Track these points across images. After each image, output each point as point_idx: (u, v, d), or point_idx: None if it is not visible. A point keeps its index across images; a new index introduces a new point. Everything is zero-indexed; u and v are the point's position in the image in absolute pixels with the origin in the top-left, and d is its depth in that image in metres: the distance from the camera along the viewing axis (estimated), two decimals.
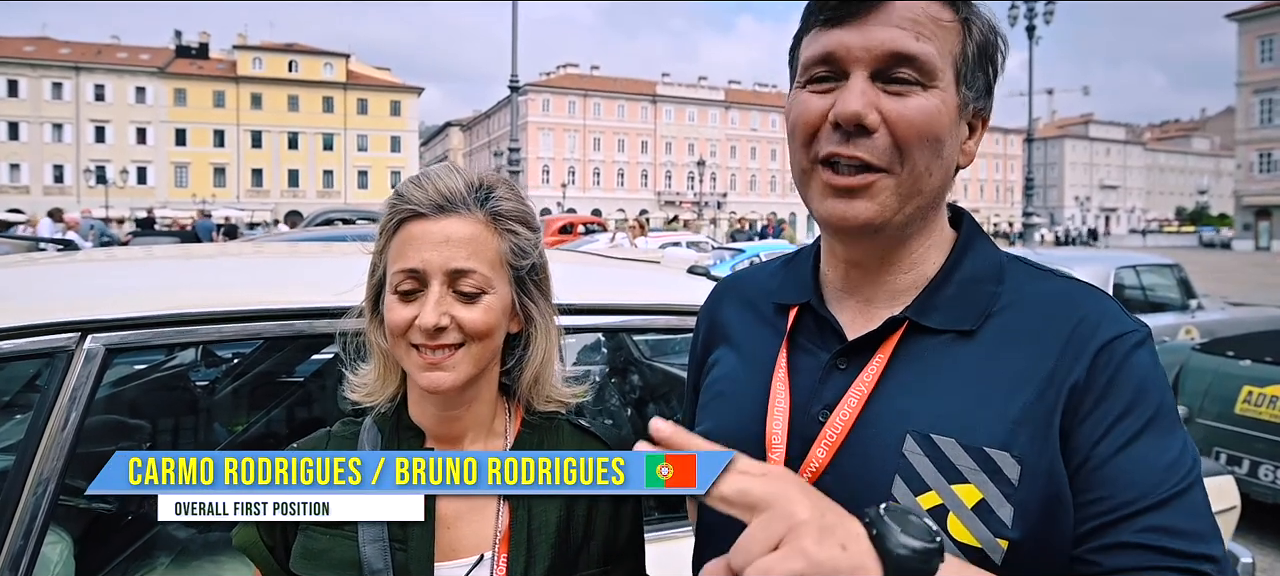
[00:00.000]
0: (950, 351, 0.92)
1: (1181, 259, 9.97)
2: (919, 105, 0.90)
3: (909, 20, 0.90)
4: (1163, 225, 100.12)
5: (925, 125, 0.90)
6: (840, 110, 0.90)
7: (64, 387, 1.46)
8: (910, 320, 0.94)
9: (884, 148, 0.90)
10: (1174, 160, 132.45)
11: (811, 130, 0.93)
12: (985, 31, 0.96)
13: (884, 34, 0.89)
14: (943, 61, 0.91)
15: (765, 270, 1.18)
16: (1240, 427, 5.23)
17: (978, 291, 0.96)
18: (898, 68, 0.90)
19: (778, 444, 0.96)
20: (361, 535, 1.08)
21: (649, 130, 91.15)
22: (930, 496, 0.85)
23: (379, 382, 1.18)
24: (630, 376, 3.05)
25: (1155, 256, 9.52)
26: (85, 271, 2.10)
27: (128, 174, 67.74)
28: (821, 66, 0.93)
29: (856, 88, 0.90)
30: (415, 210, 1.09)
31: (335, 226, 11.66)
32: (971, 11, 0.95)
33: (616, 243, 13.35)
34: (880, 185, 0.91)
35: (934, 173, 0.93)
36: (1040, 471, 0.84)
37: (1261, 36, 58.83)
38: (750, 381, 1.03)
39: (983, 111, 0.99)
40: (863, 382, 0.93)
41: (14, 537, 1.38)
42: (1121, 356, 0.87)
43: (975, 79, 0.96)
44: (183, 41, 78.62)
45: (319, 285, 1.72)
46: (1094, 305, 0.92)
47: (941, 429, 0.87)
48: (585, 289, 2.06)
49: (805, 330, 1.03)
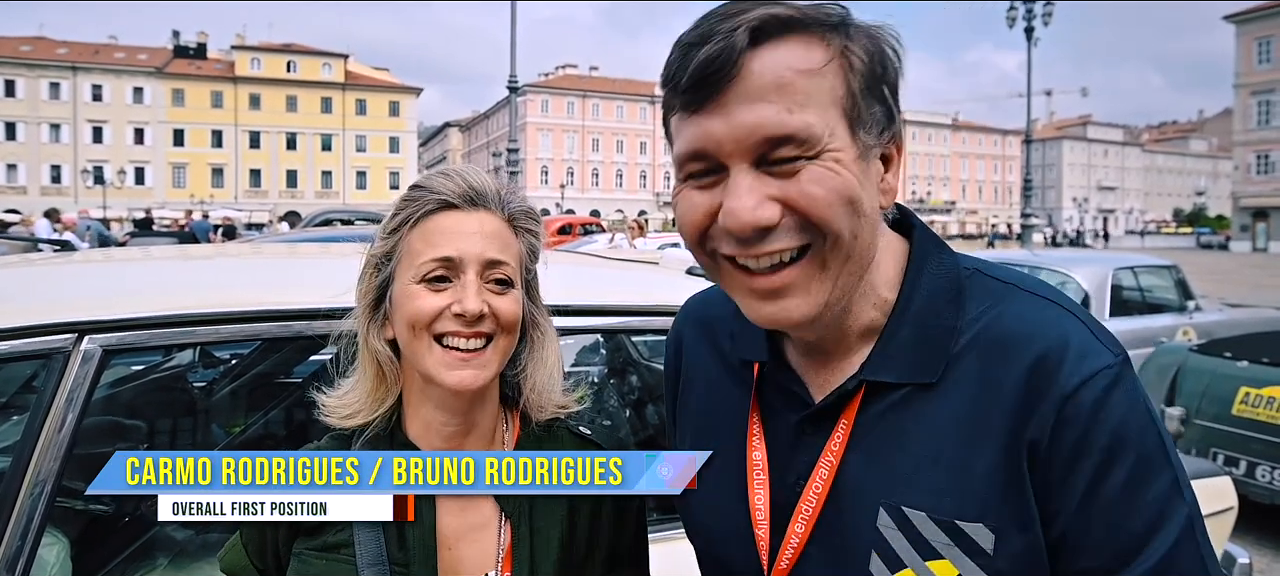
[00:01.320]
0: (914, 408, 0.87)
1: (1179, 260, 9.98)
2: (817, 177, 0.79)
3: (774, 88, 0.77)
4: (1161, 226, 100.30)
5: (833, 195, 0.79)
6: (730, 224, 0.80)
7: (61, 389, 1.46)
8: (866, 384, 0.88)
9: (794, 231, 0.80)
10: (1172, 161, 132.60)
11: (700, 231, 0.84)
12: (868, 52, 0.82)
13: (750, 117, 0.77)
14: (827, 119, 0.79)
15: (727, 300, 1.03)
16: (1237, 428, 5.23)
17: (936, 329, 0.88)
18: (778, 150, 0.78)
19: (762, 520, 0.94)
20: (360, 558, 1.05)
21: (648, 131, 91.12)
22: (907, 573, 0.84)
23: (370, 398, 1.11)
24: (629, 377, 3.05)
25: (1153, 258, 9.53)
26: (82, 272, 2.09)
27: (125, 174, 67.64)
28: (695, 162, 0.82)
29: (742, 186, 0.79)
30: (446, 200, 1.08)
31: (334, 227, 11.66)
32: (848, 36, 0.81)
33: (615, 243, 13.33)
34: (805, 271, 0.82)
35: (860, 234, 0.82)
36: (1016, 537, 0.81)
37: (1259, 38, 58.93)
38: (727, 446, 1.01)
39: (892, 138, 0.86)
40: (830, 453, 0.90)
41: (11, 539, 1.37)
42: (1090, 407, 0.79)
43: (871, 113, 0.83)
44: (180, 42, 78.61)
45: (317, 286, 1.72)
46: (1055, 338, 0.82)
47: (912, 501, 0.84)
48: (584, 290, 2.06)
49: (771, 386, 0.98)
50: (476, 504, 1.11)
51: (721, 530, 1.00)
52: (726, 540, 0.99)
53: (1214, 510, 2.58)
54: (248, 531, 1.15)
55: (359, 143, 79.45)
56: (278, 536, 1.11)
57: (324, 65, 79.20)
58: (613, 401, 2.85)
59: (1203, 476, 2.68)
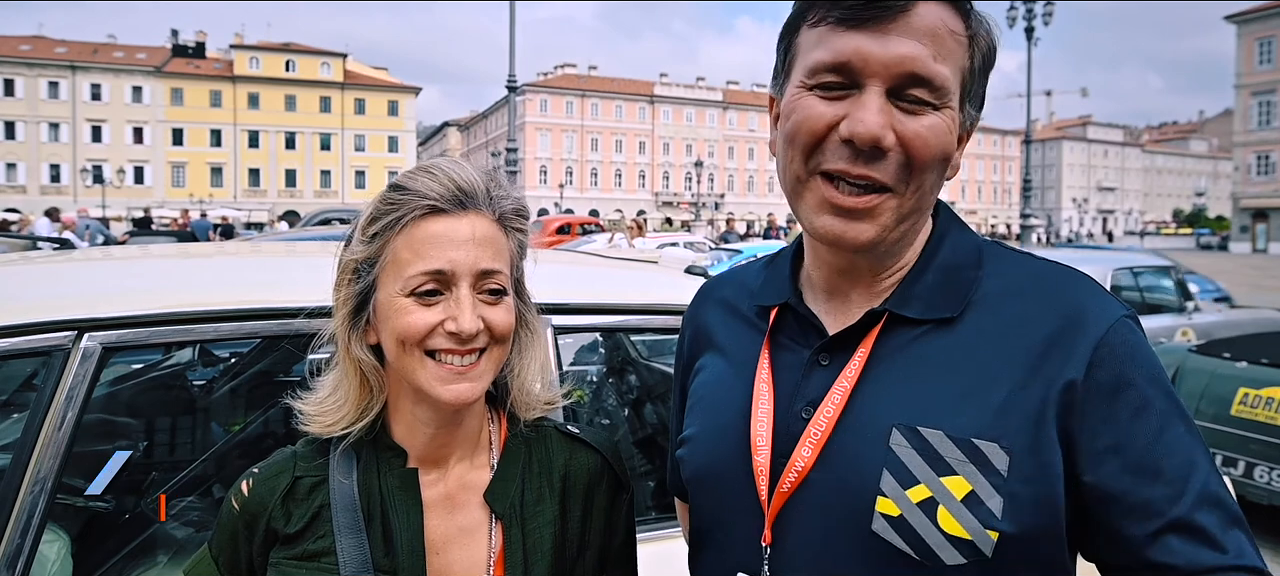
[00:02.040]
0: (933, 341, 0.91)
1: (1178, 261, 9.98)
2: (933, 126, 0.87)
3: (929, 34, 0.86)
4: (1160, 227, 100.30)
5: (939, 147, 0.88)
6: (857, 130, 0.86)
7: (61, 386, 1.46)
8: (890, 312, 0.93)
9: (895, 168, 0.88)
10: (1172, 162, 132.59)
11: (816, 139, 0.89)
12: (988, 44, 0.93)
13: (905, 49, 0.85)
14: (954, 81, 0.89)
15: (748, 271, 1.16)
16: (1236, 429, 5.24)
17: (957, 277, 0.94)
18: (914, 87, 0.86)
19: (762, 445, 0.95)
20: (342, 566, 0.99)
21: (647, 131, 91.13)
22: (920, 489, 0.85)
23: (353, 408, 1.05)
24: (627, 376, 3.05)
25: (1153, 258, 9.53)
26: (82, 270, 2.09)
27: (124, 173, 67.52)
28: (832, 74, 0.88)
29: (874, 105, 0.86)
30: (434, 205, 1.00)
31: (332, 226, 11.65)
32: (979, 25, 0.92)
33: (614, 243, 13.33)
34: (884, 206, 0.89)
35: (936, 190, 0.93)
36: (1030, 462, 0.84)
37: (1260, 39, 58.93)
38: (734, 383, 1.02)
39: (973, 122, 0.97)
40: (846, 378, 0.92)
41: (11, 536, 1.38)
42: (1123, 348, 0.86)
43: (977, 92, 0.94)
44: (179, 41, 78.56)
45: (317, 284, 1.72)
46: (1077, 289, 0.91)
47: (928, 421, 0.87)
48: (582, 288, 2.06)
49: (786, 328, 1.02)
50: (465, 506, 1.08)
51: (718, 465, 1.00)
52: (723, 475, 0.99)
53: None
54: (219, 540, 1.08)
55: (358, 142, 79.37)
56: (252, 546, 1.05)
57: (322, 64, 79.13)
58: (611, 400, 2.85)
59: None
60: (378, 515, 1.04)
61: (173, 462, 2.44)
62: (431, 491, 1.07)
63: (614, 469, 1.19)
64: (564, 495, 1.13)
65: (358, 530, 1.01)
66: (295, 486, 1.06)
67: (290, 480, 1.06)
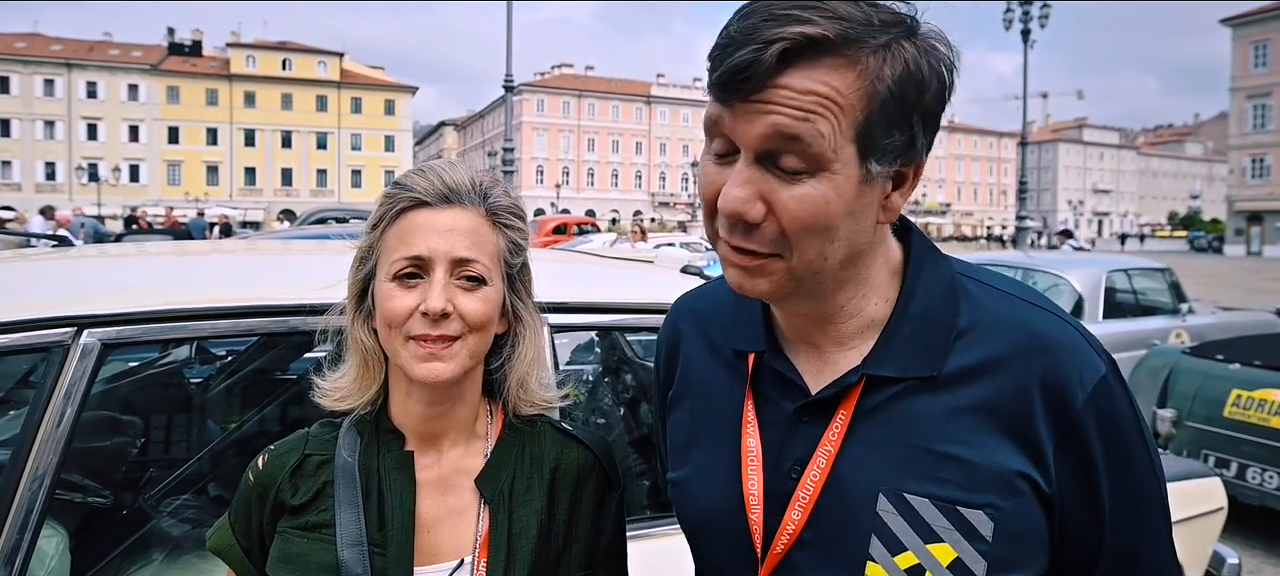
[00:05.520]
0: (914, 400, 0.90)
1: (1172, 263, 10.01)
2: (803, 195, 0.82)
3: (792, 104, 0.79)
4: (1155, 230, 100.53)
5: (809, 218, 0.82)
6: (722, 205, 0.84)
7: (60, 382, 1.47)
8: (866, 376, 0.92)
9: (771, 237, 0.84)
10: (1167, 165, 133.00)
11: (711, 205, 0.88)
12: (902, 79, 0.82)
13: (765, 123, 0.80)
14: (838, 140, 0.80)
15: (721, 295, 1.11)
16: (1229, 431, 5.26)
17: (934, 328, 0.91)
18: (783, 154, 0.81)
19: (755, 505, 0.96)
20: (340, 539, 1.07)
21: (644, 131, 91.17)
22: (907, 556, 0.86)
23: (357, 384, 1.15)
24: (623, 376, 3.06)
25: (1146, 260, 9.55)
26: (81, 266, 2.10)
27: (120, 172, 67.31)
28: (721, 141, 0.86)
29: (740, 177, 0.83)
30: (420, 199, 1.09)
31: (329, 225, 11.64)
32: (883, 58, 0.81)
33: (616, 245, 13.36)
34: (770, 267, 0.86)
35: (830, 255, 0.86)
36: (1013, 522, 0.86)
37: (1255, 42, 59.13)
38: (722, 432, 1.02)
39: (912, 160, 0.87)
40: (829, 441, 0.92)
41: (10, 531, 1.38)
42: (1102, 412, 0.87)
43: (887, 142, 0.83)
44: (175, 39, 78.46)
45: (315, 281, 1.73)
46: (1056, 340, 0.88)
47: (913, 487, 0.87)
48: (578, 287, 2.07)
49: (766, 378, 1.00)
50: (457, 489, 1.13)
51: (715, 517, 1.01)
52: (720, 527, 1.00)
53: (1204, 511, 2.60)
54: (236, 508, 1.18)
55: (354, 141, 79.34)
56: (263, 515, 1.14)
57: (319, 63, 79.07)
58: (607, 400, 2.86)
59: (1193, 477, 2.70)
60: (375, 492, 1.11)
61: (169, 459, 2.44)
62: (426, 473, 1.13)
63: (604, 466, 1.23)
64: (553, 487, 1.17)
65: (356, 505, 1.09)
66: (304, 463, 1.15)
67: (300, 457, 1.15)
